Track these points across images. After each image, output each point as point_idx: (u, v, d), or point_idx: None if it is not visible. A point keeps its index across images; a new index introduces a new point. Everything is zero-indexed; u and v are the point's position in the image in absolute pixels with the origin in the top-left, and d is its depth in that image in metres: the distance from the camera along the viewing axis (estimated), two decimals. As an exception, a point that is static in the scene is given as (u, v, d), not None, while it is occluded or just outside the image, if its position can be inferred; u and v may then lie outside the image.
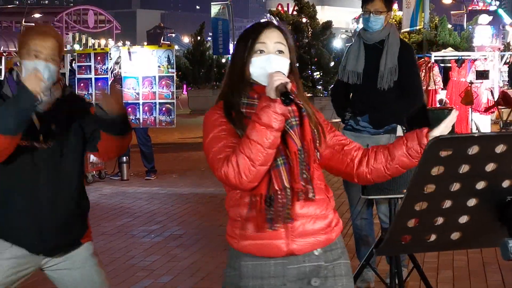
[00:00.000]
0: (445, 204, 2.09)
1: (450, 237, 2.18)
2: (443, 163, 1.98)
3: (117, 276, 6.78)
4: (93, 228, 8.45)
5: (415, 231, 2.14)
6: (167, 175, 13.29)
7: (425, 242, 2.17)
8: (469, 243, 2.22)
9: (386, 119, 6.24)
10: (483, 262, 6.94)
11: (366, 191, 5.73)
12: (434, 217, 2.11)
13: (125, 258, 7.44)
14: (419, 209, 2.08)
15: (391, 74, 6.22)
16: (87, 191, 4.08)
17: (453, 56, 19.72)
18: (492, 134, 1.96)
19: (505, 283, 6.34)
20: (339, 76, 6.47)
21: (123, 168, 12.76)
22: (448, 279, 6.53)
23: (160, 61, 12.49)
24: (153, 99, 12.45)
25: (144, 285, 6.54)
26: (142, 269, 7.05)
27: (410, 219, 2.11)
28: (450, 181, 2.03)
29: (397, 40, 6.38)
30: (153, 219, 9.41)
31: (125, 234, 8.58)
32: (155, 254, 7.59)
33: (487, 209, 2.13)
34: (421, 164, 1.97)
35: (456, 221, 2.14)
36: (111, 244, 8.03)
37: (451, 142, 1.95)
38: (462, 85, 17.83)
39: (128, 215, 9.74)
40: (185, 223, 9.12)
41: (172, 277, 6.75)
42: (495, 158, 2.00)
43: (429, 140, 1.92)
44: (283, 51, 3.06)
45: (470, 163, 1.99)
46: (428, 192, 2.05)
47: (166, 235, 8.47)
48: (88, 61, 12.56)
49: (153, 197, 11.06)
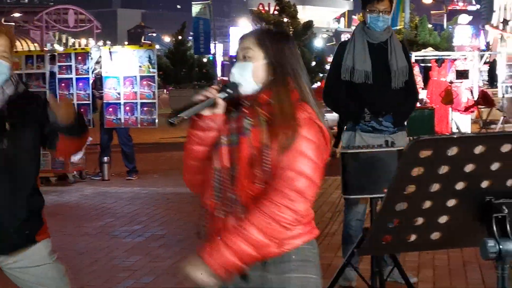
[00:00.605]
0: (425, 204, 2.10)
1: (430, 237, 2.20)
2: (423, 164, 2.00)
3: (99, 276, 6.77)
4: (74, 229, 8.51)
5: (396, 231, 2.16)
6: (149, 175, 13.28)
7: (406, 242, 2.19)
8: (449, 243, 2.25)
9: (406, 118, 6.44)
10: (463, 261, 6.98)
11: (347, 191, 5.76)
12: (414, 217, 2.13)
13: (107, 259, 7.42)
14: (399, 209, 2.10)
15: (403, 73, 6.28)
16: (69, 192, 4.09)
17: (433, 55, 19.84)
18: (471, 135, 1.98)
19: (485, 282, 6.39)
20: (342, 75, 6.21)
21: (104, 168, 12.72)
22: (428, 278, 6.57)
23: (141, 61, 12.45)
24: (135, 99, 12.41)
25: (126, 285, 6.53)
26: (124, 269, 7.04)
27: (391, 219, 2.13)
28: (430, 181, 2.05)
29: (398, 40, 6.47)
30: (134, 220, 9.39)
31: (107, 234, 8.56)
32: (137, 255, 7.58)
33: (466, 209, 2.15)
34: (401, 165, 1.99)
35: (436, 221, 2.16)
36: (92, 245, 8.02)
37: (430, 143, 1.97)
38: (442, 84, 17.93)
39: (110, 215, 9.72)
40: (167, 223, 9.11)
41: (154, 277, 6.74)
42: (474, 159, 2.02)
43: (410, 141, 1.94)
44: (248, 55, 3.02)
45: (450, 164, 2.01)
46: (408, 192, 2.06)
47: (148, 235, 8.46)
48: (69, 61, 12.51)
49: (134, 198, 11.04)
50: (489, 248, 2.11)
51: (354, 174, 5.66)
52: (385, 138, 6.02)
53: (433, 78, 18.39)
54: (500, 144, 2.00)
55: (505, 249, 2.12)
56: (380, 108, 6.22)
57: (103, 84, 12.44)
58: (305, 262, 3.05)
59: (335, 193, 10.79)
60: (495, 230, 2.13)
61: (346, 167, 5.68)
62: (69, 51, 13.06)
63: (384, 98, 6.23)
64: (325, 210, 9.60)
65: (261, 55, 3.01)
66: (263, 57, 3.01)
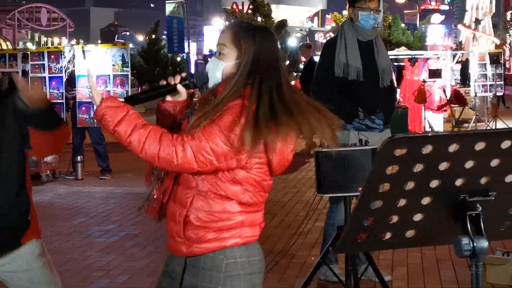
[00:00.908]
0: (400, 202, 2.11)
1: (405, 235, 2.20)
2: (398, 162, 2.00)
3: (72, 276, 6.73)
4: (48, 228, 8.45)
5: (371, 229, 2.16)
6: (122, 174, 13.22)
7: (381, 240, 2.19)
8: (423, 241, 2.26)
9: (392, 116, 6.51)
10: (436, 259, 7.03)
11: (322, 189, 5.77)
12: (389, 215, 2.13)
13: (80, 258, 7.38)
14: (374, 207, 2.10)
15: (390, 73, 6.44)
16: (42, 191, 4.04)
17: (406, 55, 19.95)
18: (445, 134, 1.98)
19: (458, 280, 6.43)
20: (336, 72, 6.18)
21: (77, 168, 12.66)
22: (402, 276, 6.60)
23: (114, 59, 12.42)
24: (108, 98, 12.36)
25: (101, 285, 6.50)
26: (98, 269, 7.01)
27: (366, 217, 2.13)
28: (405, 180, 2.05)
29: (382, 40, 6.56)
30: (108, 219, 9.35)
31: (81, 234, 8.52)
32: (111, 254, 7.55)
33: (441, 207, 2.15)
34: (376, 163, 1.99)
35: (410, 219, 2.16)
36: (66, 244, 7.97)
37: (405, 141, 1.97)
38: (415, 83, 18.03)
39: (83, 214, 9.67)
40: (141, 223, 9.06)
41: (129, 277, 6.72)
42: (449, 157, 2.03)
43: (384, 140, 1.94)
44: (223, 52, 3.05)
45: (424, 162, 2.02)
46: (383, 191, 2.07)
47: (122, 235, 8.43)
48: (42, 60, 12.43)
49: (108, 197, 10.99)
50: (464, 246, 2.11)
51: (328, 172, 5.68)
52: (376, 136, 6.11)
53: (406, 77, 18.49)
54: (474, 143, 2.01)
55: (479, 246, 2.13)
56: (373, 106, 6.28)
57: (76, 83, 12.37)
58: (213, 272, 2.97)
59: (309, 192, 10.82)
60: (469, 228, 2.13)
61: (320, 166, 5.70)
62: (42, 50, 12.98)
63: (375, 97, 6.30)
64: (299, 209, 9.63)
65: (235, 54, 3.03)
66: (236, 56, 3.02)
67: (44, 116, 3.49)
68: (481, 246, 2.13)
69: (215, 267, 2.95)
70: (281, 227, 8.55)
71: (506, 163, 2.09)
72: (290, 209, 9.77)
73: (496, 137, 2.02)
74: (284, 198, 10.47)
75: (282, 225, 8.69)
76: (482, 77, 19.82)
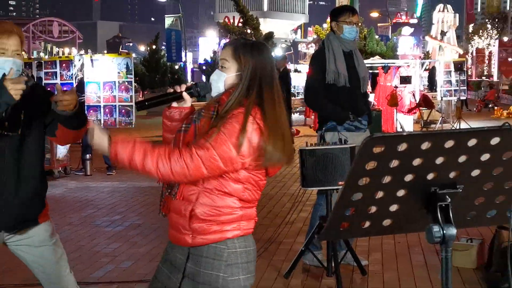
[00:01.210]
0: (378, 194, 2.11)
1: (382, 224, 2.20)
2: (376, 158, 2.00)
3: (83, 262, 6.70)
4: (60, 219, 8.43)
5: (352, 218, 2.16)
6: (126, 170, 13.13)
7: (361, 228, 2.19)
8: (398, 229, 2.25)
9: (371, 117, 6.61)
10: (408, 246, 7.03)
11: (306, 183, 5.77)
12: (368, 206, 2.13)
13: (90, 246, 7.35)
14: (355, 199, 2.10)
15: (368, 79, 6.59)
16: (55, 186, 4.05)
17: (380, 63, 19.95)
18: (418, 133, 1.98)
19: (427, 264, 6.44)
20: (329, 79, 6.20)
21: (86, 165, 12.61)
22: (377, 261, 6.60)
23: (119, 67, 12.38)
24: (113, 102, 12.34)
25: (108, 269, 6.47)
26: (105, 255, 6.98)
27: (347, 208, 2.13)
28: (382, 174, 2.05)
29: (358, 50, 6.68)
30: (114, 210, 9.32)
31: (89, 224, 8.48)
32: (117, 242, 7.51)
33: (414, 199, 2.16)
34: (357, 159, 1.99)
35: (387, 210, 2.16)
36: (76, 233, 7.93)
37: (383, 140, 1.97)
38: (388, 89, 18.05)
39: (92, 207, 9.63)
40: (144, 214, 9.05)
41: (133, 262, 6.69)
42: (421, 154, 2.03)
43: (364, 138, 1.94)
44: (225, 66, 3.06)
45: (400, 158, 2.02)
46: (363, 184, 2.07)
47: (127, 225, 8.40)
48: (54, 68, 12.38)
49: (114, 191, 10.95)
50: (435, 233, 2.12)
51: (311, 168, 5.68)
52: (362, 136, 6.16)
53: (380, 83, 18.51)
54: (444, 141, 2.01)
55: (448, 234, 2.13)
56: (360, 109, 6.36)
57: (85, 89, 12.34)
58: (215, 261, 2.97)
59: (294, 185, 10.82)
60: (440, 217, 2.14)
61: (304, 162, 5.70)
62: (55, 59, 12.91)
63: (359, 101, 6.37)
64: (285, 201, 9.62)
65: (235, 67, 3.05)
66: (236, 69, 3.04)
67: (74, 119, 3.61)
68: (450, 233, 2.14)
69: (217, 256, 2.96)
70: (269, 217, 8.54)
71: (472, 159, 2.09)
72: (277, 201, 9.76)
73: (464, 136, 2.02)
74: (272, 191, 10.46)
75: (270, 215, 8.68)
76: (447, 83, 19.84)
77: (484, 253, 6.26)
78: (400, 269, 6.33)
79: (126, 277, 6.21)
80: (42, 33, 36.22)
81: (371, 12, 51.27)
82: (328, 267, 5.87)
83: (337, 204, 2.09)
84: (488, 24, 68.19)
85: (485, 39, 65.36)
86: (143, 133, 20.37)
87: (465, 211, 2.27)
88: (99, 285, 6.02)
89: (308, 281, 6.04)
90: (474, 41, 66.41)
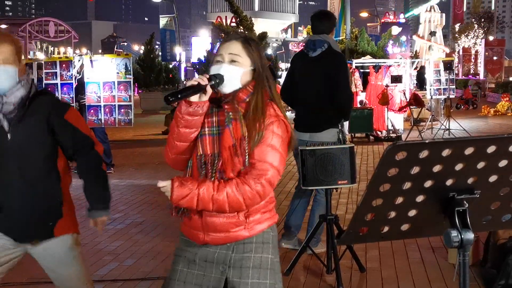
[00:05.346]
0: (398, 200, 2.09)
1: (400, 228, 2.18)
2: (398, 165, 1.98)
3: (86, 260, 6.60)
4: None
5: (372, 223, 2.14)
6: (125, 168, 13.13)
7: (380, 233, 2.17)
8: (416, 233, 2.23)
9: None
10: (404, 243, 7.02)
11: (306, 183, 5.76)
12: (388, 211, 2.12)
13: (92, 244, 7.31)
14: (375, 205, 2.08)
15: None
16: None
17: (371, 62, 19.95)
18: (440, 141, 1.97)
19: (424, 260, 6.44)
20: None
21: (86, 163, 12.54)
22: (375, 258, 6.60)
23: (118, 68, 12.32)
24: (113, 101, 12.28)
25: (111, 268, 6.44)
26: (108, 253, 6.95)
27: (368, 213, 2.11)
28: (403, 180, 2.04)
29: None
30: (115, 208, 9.26)
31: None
32: (119, 240, 7.48)
33: (432, 204, 2.14)
34: (380, 166, 1.97)
35: (406, 215, 2.14)
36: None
37: (405, 147, 1.95)
38: (379, 88, 18.05)
39: (93, 205, 9.56)
40: (144, 211, 9.01)
41: (135, 260, 6.66)
42: (442, 160, 2.01)
43: (387, 146, 1.92)
44: (238, 60, 3.03)
45: (420, 165, 2.00)
46: (384, 190, 2.05)
47: (128, 222, 8.36)
48: (54, 68, 12.32)
49: (114, 189, 10.87)
50: (453, 238, 2.10)
51: (312, 168, 5.67)
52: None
53: (371, 82, 18.49)
54: (464, 148, 1.99)
55: (466, 238, 2.11)
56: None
57: (85, 89, 12.29)
58: (264, 244, 3.08)
59: (290, 183, 10.80)
60: (457, 222, 2.13)
61: (305, 162, 5.68)
62: (55, 59, 12.83)
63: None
64: (282, 199, 9.60)
65: (248, 62, 3.06)
66: (249, 64, 3.06)
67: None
68: (468, 237, 2.12)
69: (266, 239, 3.09)
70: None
71: (490, 165, 2.08)
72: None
73: (484, 143, 2.01)
74: (269, 189, 10.43)
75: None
76: (436, 82, 19.88)
77: (480, 250, 6.26)
78: (398, 266, 6.33)
79: (129, 275, 6.18)
80: (39, 32, 36.04)
81: (360, 12, 51.26)
82: (328, 265, 5.87)
83: (358, 210, 2.07)
84: (475, 23, 68.46)
85: (472, 38, 65.62)
86: (139, 131, 20.34)
87: (481, 216, 2.25)
88: (104, 283, 5.98)
89: (308, 278, 6.02)
90: (460, 40, 66.67)
